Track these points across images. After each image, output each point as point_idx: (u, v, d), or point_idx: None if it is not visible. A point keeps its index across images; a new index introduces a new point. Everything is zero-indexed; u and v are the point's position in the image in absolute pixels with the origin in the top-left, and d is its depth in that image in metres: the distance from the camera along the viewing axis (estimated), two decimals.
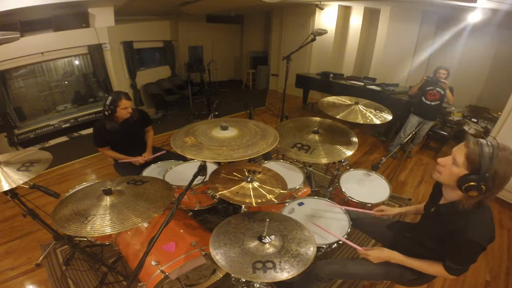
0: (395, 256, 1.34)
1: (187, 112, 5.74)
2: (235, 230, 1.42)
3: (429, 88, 3.54)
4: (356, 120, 1.98)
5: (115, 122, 2.31)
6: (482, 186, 0.96)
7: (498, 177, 0.96)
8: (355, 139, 2.00)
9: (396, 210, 1.64)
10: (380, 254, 1.37)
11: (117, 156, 2.41)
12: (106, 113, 2.24)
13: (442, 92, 3.45)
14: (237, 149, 1.50)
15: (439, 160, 1.12)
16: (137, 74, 5.68)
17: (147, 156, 2.45)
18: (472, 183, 0.98)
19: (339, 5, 6.04)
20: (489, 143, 0.99)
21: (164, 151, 2.46)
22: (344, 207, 1.78)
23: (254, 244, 1.32)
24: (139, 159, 2.38)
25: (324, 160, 1.82)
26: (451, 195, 1.15)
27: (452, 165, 1.06)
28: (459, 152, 1.04)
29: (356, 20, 6.15)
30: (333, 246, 1.59)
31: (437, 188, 1.32)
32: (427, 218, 1.36)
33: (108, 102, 2.20)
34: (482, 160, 0.96)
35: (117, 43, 5.10)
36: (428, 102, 3.59)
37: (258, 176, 1.73)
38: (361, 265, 1.45)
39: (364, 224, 1.75)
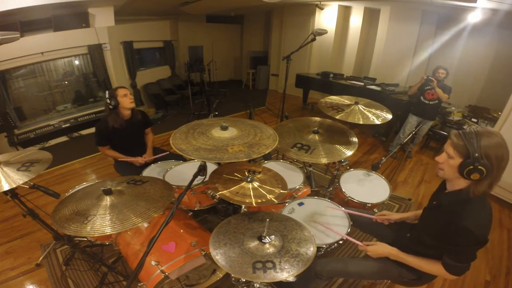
0: (394, 253, 1.35)
1: (187, 112, 5.74)
2: (235, 230, 1.42)
3: (427, 87, 3.53)
4: (356, 121, 1.98)
5: (120, 118, 2.32)
6: (479, 167, 1.03)
7: (492, 159, 1.03)
8: (355, 139, 2.00)
9: (398, 215, 1.63)
10: (379, 249, 1.38)
11: (117, 156, 2.41)
12: (111, 107, 2.26)
13: (441, 91, 3.44)
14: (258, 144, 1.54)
15: (437, 158, 1.20)
16: (137, 74, 5.68)
17: (147, 157, 2.44)
18: (470, 167, 1.04)
19: (339, 5, 6.04)
20: (468, 131, 1.09)
21: (167, 152, 2.43)
22: (346, 210, 1.77)
23: (254, 244, 1.32)
24: (139, 160, 2.38)
25: (324, 160, 1.82)
26: (455, 186, 1.19)
27: (448, 159, 1.14)
28: (448, 147, 1.14)
29: (356, 20, 6.15)
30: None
31: (441, 186, 1.33)
32: (427, 211, 1.37)
33: (107, 96, 2.26)
34: (467, 144, 1.05)
35: (117, 43, 5.10)
36: (427, 102, 3.59)
37: (258, 176, 1.73)
38: (360, 264, 1.45)
39: (364, 224, 1.75)
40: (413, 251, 1.33)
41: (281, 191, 1.64)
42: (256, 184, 1.63)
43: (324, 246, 1.56)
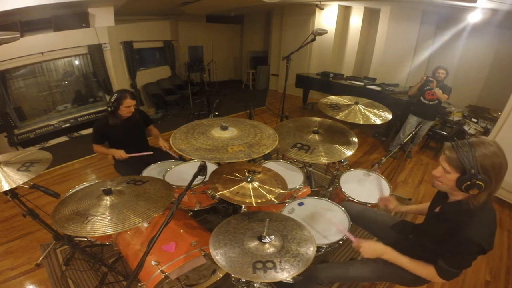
0: (388, 252, 1.31)
1: (187, 112, 5.74)
2: (235, 230, 1.42)
3: (427, 88, 3.54)
4: (356, 121, 1.98)
5: (118, 119, 2.34)
6: (477, 182, 1.00)
7: (489, 170, 1.00)
8: (355, 139, 2.00)
9: (400, 207, 1.64)
10: (372, 248, 1.33)
11: (103, 151, 2.42)
12: (109, 109, 2.30)
13: (441, 91, 3.44)
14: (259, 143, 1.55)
15: (434, 172, 1.17)
16: (137, 74, 5.68)
17: (162, 144, 2.46)
18: (467, 182, 1.02)
19: (339, 5, 6.04)
20: (461, 142, 1.06)
21: (151, 153, 2.35)
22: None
23: (254, 244, 1.32)
24: (122, 154, 2.32)
25: (324, 160, 1.82)
26: (456, 196, 1.17)
27: (445, 173, 1.11)
28: (443, 161, 1.11)
29: (356, 20, 6.15)
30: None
31: (441, 193, 1.32)
32: (431, 218, 1.35)
33: (113, 99, 2.26)
34: (462, 160, 1.02)
35: (117, 43, 5.10)
36: (427, 102, 3.60)
37: (258, 176, 1.73)
38: (362, 268, 1.43)
39: (367, 221, 1.75)
40: (414, 253, 1.32)
41: (281, 191, 1.64)
42: (256, 184, 1.63)
43: (324, 246, 1.56)
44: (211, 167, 2.11)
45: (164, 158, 2.45)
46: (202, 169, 1.24)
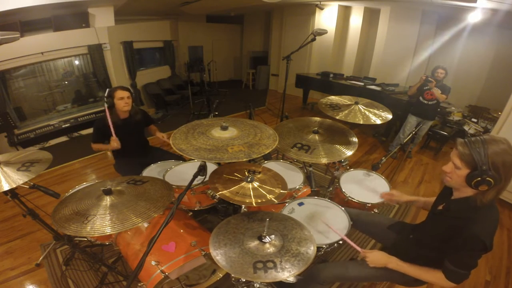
0: (393, 261, 1.32)
1: (187, 112, 5.75)
2: (235, 230, 1.42)
3: (426, 87, 3.54)
4: (356, 121, 1.98)
5: (116, 117, 2.33)
6: (487, 179, 1.01)
7: (500, 167, 1.00)
8: (355, 139, 2.00)
9: (406, 197, 1.62)
10: (378, 258, 1.35)
11: (101, 147, 2.41)
12: (106, 105, 2.28)
13: (439, 91, 3.44)
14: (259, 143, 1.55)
15: (444, 168, 1.18)
16: (137, 74, 5.68)
17: (160, 134, 2.57)
18: (477, 178, 1.03)
19: (339, 5, 6.04)
20: (474, 139, 1.06)
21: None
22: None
23: (254, 244, 1.32)
24: (113, 143, 2.30)
25: (324, 160, 1.81)
26: (463, 193, 1.17)
27: (455, 169, 1.11)
28: (454, 156, 1.11)
29: (356, 20, 6.15)
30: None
31: (446, 189, 1.31)
32: (434, 216, 1.35)
33: (106, 94, 2.28)
34: (474, 156, 1.03)
35: (117, 43, 5.10)
36: (426, 102, 3.60)
37: (258, 176, 1.73)
38: (362, 267, 1.43)
39: (364, 224, 1.74)
40: (415, 252, 1.32)
41: (281, 191, 1.64)
42: (256, 184, 1.63)
43: (324, 246, 1.56)
44: (211, 167, 2.11)
45: (164, 158, 2.46)
46: (202, 169, 1.24)
